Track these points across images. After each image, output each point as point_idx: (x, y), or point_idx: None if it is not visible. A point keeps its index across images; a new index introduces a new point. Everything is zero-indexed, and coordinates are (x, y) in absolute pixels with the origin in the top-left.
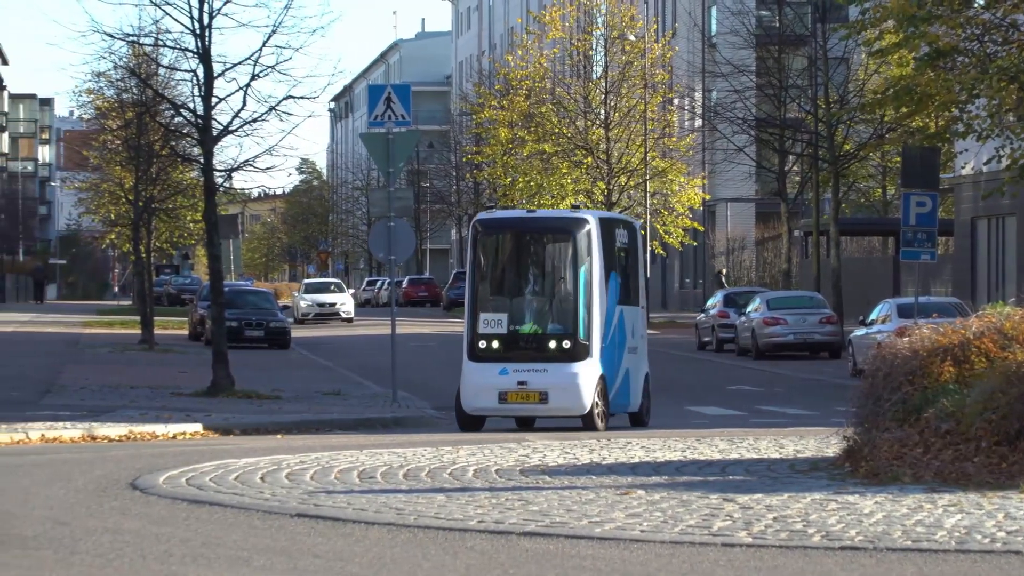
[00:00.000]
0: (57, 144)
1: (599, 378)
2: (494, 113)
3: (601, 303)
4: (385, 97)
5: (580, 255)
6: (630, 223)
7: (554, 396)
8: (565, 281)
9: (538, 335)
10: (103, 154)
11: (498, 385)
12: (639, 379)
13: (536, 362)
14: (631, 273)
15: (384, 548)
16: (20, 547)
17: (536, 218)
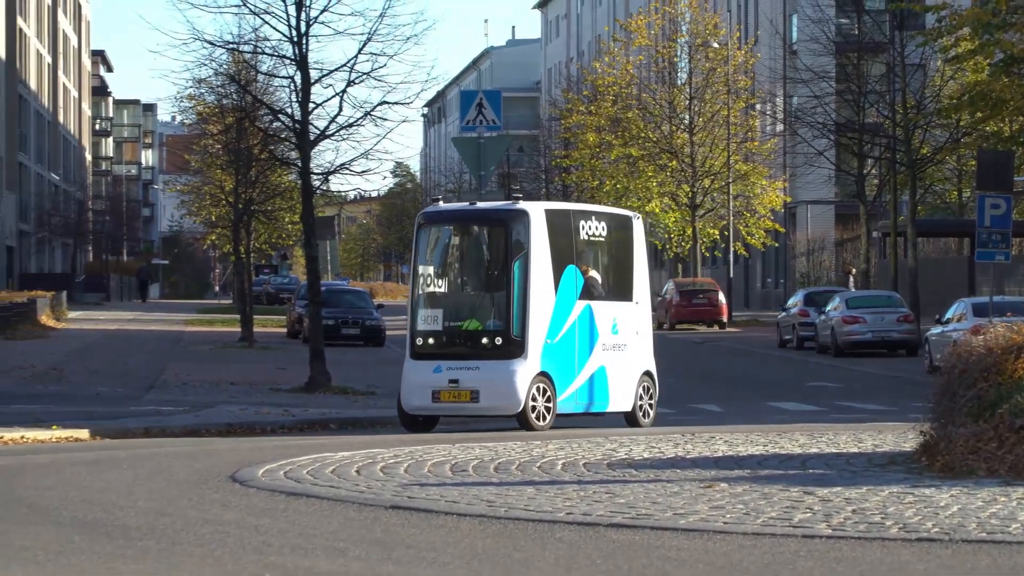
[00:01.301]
0: (160, 148)
1: (537, 376)
2: (582, 118)
3: (542, 298)
4: (477, 103)
5: (515, 248)
6: (619, 216)
7: (485, 395)
8: (499, 275)
9: (471, 332)
10: (204, 158)
11: (431, 383)
12: (627, 377)
13: (469, 360)
14: (620, 267)
15: (476, 539)
16: (124, 537)
17: (471, 210)
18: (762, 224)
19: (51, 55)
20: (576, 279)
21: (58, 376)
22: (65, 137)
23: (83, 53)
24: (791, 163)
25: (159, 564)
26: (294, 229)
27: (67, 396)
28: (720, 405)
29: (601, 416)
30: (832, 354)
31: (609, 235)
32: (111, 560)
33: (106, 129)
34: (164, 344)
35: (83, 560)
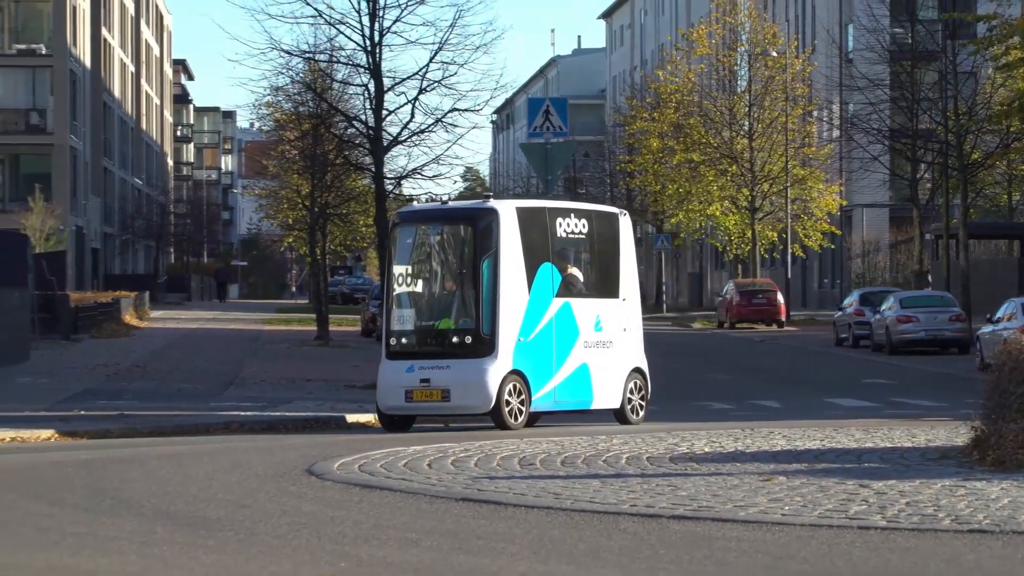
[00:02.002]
0: (239, 154)
1: (509, 374)
2: (645, 124)
3: (513, 296)
4: (544, 110)
5: (484, 247)
6: (604, 213)
7: (456, 393)
8: (469, 274)
9: (442, 331)
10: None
11: (404, 383)
12: (613, 374)
13: (440, 359)
14: (605, 264)
15: (543, 530)
16: (205, 528)
17: (443, 210)
18: (819, 227)
19: (134, 64)
20: (552, 276)
21: (141, 373)
22: (148, 143)
23: (165, 62)
24: (847, 168)
25: (238, 555)
26: (368, 231)
27: (150, 393)
28: (778, 401)
29: (587, 413)
30: (886, 352)
31: (592, 232)
32: (192, 550)
33: (187, 135)
34: (243, 342)
35: (165, 550)
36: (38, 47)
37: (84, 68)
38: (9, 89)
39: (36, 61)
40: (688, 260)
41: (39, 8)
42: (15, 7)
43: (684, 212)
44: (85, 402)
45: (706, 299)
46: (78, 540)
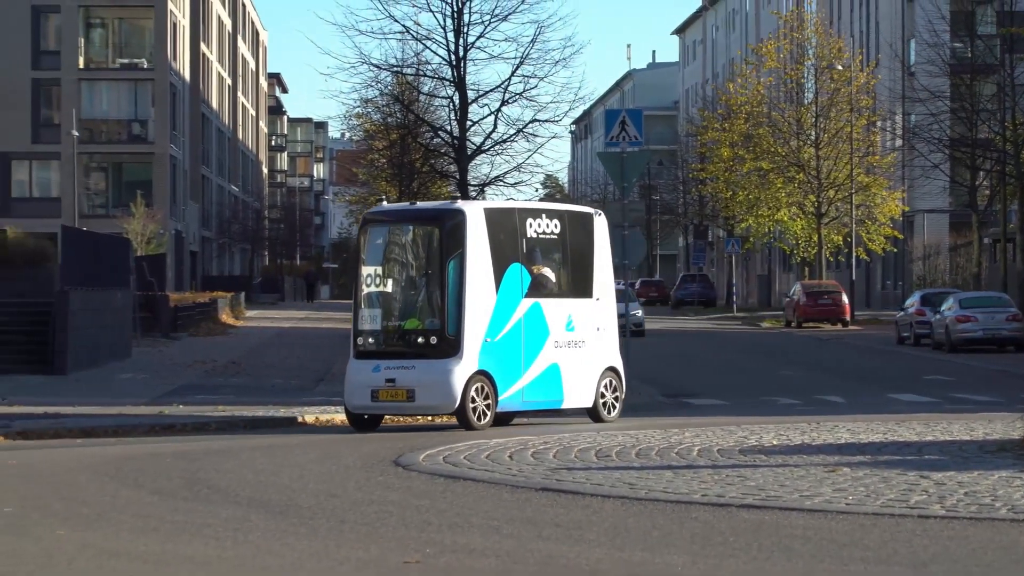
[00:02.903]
0: (330, 162)
1: (474, 375)
2: (717, 134)
3: (479, 297)
4: (620, 120)
5: (451, 248)
6: (577, 214)
7: (420, 393)
8: (435, 275)
9: (408, 331)
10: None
11: (370, 383)
12: (586, 374)
13: (405, 359)
14: (578, 265)
15: (618, 518)
16: (297, 516)
17: (410, 210)
18: (882, 231)
19: (231, 78)
20: (521, 277)
21: (237, 370)
22: (244, 152)
23: (260, 76)
24: (909, 175)
25: (328, 541)
26: None
27: (246, 388)
28: (843, 396)
29: (559, 412)
30: (946, 350)
31: (564, 233)
32: (284, 537)
33: (281, 145)
34: (333, 341)
35: (258, 537)
36: (140, 62)
37: (184, 81)
38: (113, 101)
39: (139, 75)
40: (757, 263)
41: (141, 25)
42: (119, 24)
43: (753, 217)
44: (184, 396)
45: (774, 300)
46: (176, 527)
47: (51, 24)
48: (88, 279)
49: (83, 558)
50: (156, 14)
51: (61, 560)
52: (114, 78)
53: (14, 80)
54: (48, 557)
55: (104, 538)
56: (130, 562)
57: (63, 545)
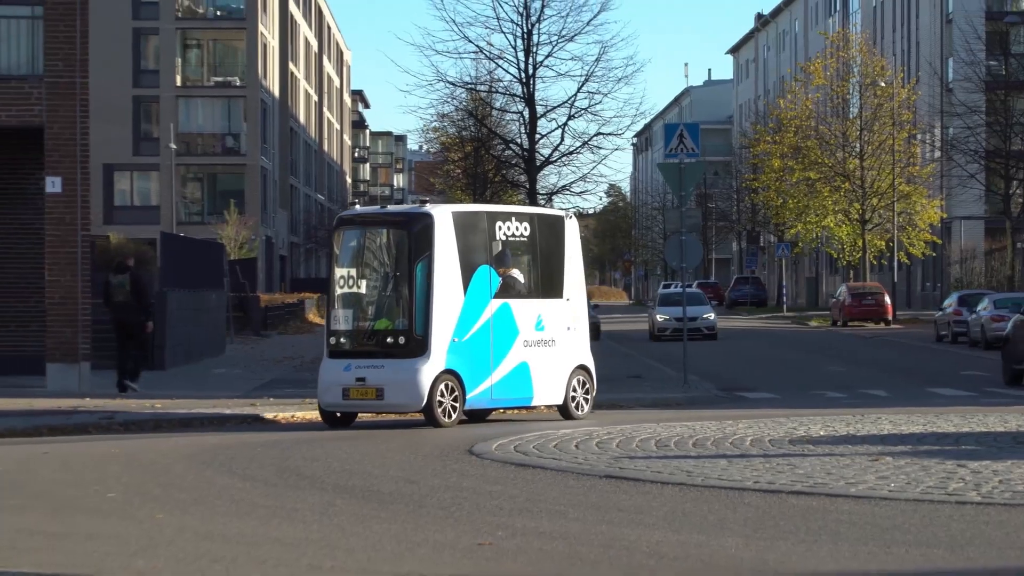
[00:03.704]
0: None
1: (442, 374)
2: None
3: (446, 298)
4: (678, 134)
5: (418, 250)
6: (548, 216)
7: (389, 392)
8: (404, 277)
9: (377, 331)
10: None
11: (342, 381)
12: (556, 372)
13: (375, 358)
14: (549, 266)
15: (676, 503)
16: (378, 501)
17: (381, 214)
18: (922, 236)
19: (317, 94)
20: (490, 278)
21: None
22: (329, 164)
23: (344, 93)
24: (947, 184)
25: (407, 524)
26: None
27: None
28: (886, 390)
29: (530, 410)
30: (982, 347)
31: (534, 235)
32: (366, 521)
33: (364, 156)
34: None
35: (343, 520)
36: (233, 80)
37: (273, 98)
38: (208, 117)
39: (231, 92)
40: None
41: (234, 46)
42: (213, 45)
43: (802, 224)
44: (273, 390)
45: (821, 300)
46: (267, 511)
47: (151, 45)
48: (185, 281)
49: (181, 540)
50: (248, 35)
51: (161, 541)
52: (209, 95)
53: (117, 97)
54: (149, 539)
55: (200, 521)
56: (224, 543)
57: (163, 528)
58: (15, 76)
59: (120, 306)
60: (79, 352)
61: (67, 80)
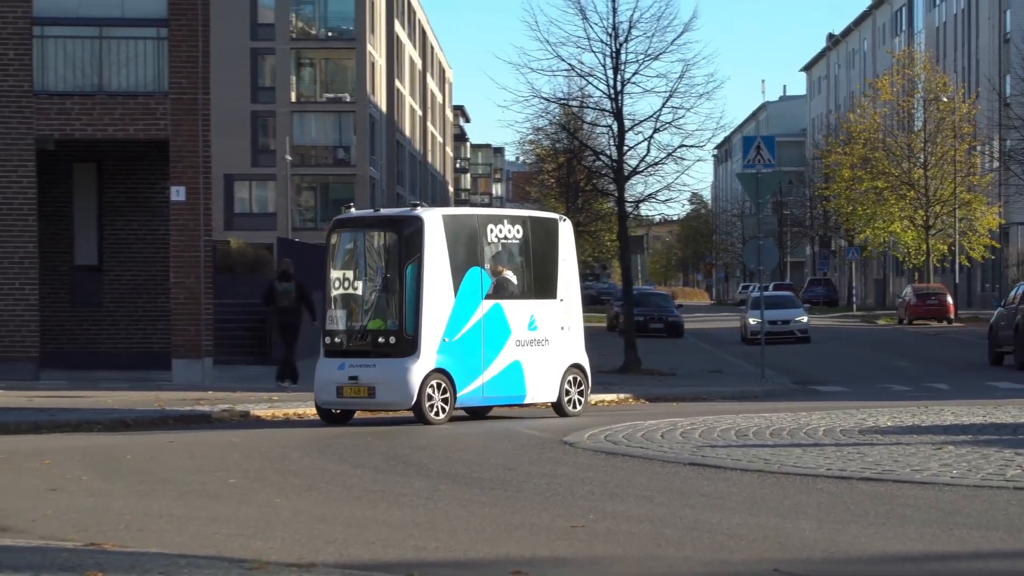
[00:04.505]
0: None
1: (432, 372)
2: (839, 157)
3: (436, 299)
4: (755, 146)
5: (409, 252)
6: (542, 219)
7: (380, 391)
8: (395, 278)
9: (370, 331)
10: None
11: (336, 380)
12: (550, 371)
13: (367, 358)
14: (542, 267)
15: (755, 489)
16: (479, 487)
17: (374, 217)
18: (981, 241)
19: (421, 109)
20: (481, 279)
21: None
22: (432, 174)
23: (447, 108)
24: (1004, 192)
25: (506, 508)
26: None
27: None
28: (948, 384)
29: (524, 407)
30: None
31: (527, 237)
32: (468, 505)
33: (464, 167)
34: None
35: (446, 504)
36: (343, 96)
37: (381, 113)
38: (320, 130)
39: (342, 107)
40: (874, 268)
41: (344, 64)
42: (325, 63)
43: (871, 229)
44: None
45: (888, 300)
46: (375, 496)
47: (267, 64)
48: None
49: (296, 522)
50: (357, 55)
51: (278, 524)
52: (321, 110)
53: (237, 112)
54: (267, 521)
55: (314, 505)
56: (336, 526)
57: (279, 511)
58: (142, 93)
59: (285, 310)
60: (202, 348)
61: (190, 96)
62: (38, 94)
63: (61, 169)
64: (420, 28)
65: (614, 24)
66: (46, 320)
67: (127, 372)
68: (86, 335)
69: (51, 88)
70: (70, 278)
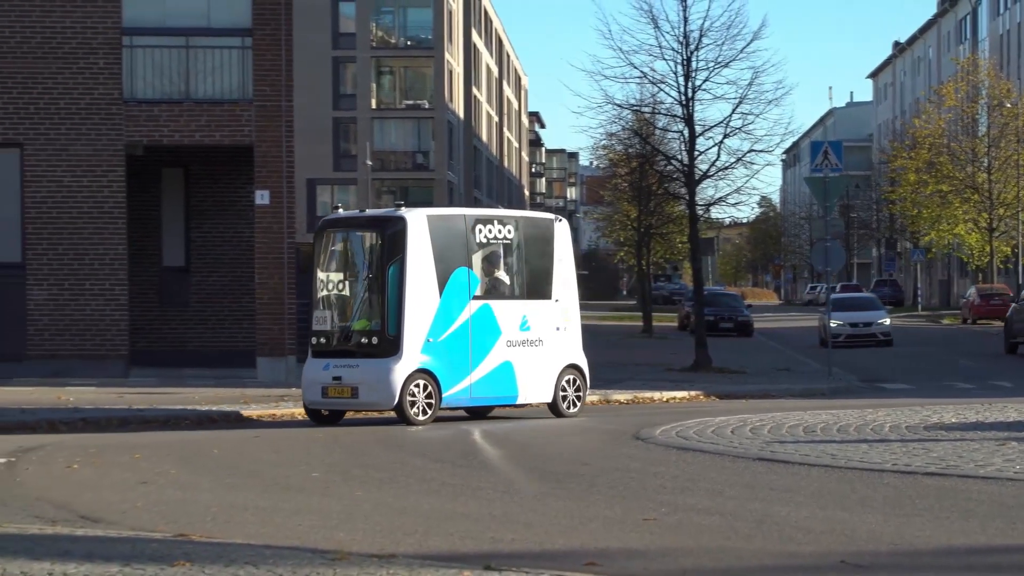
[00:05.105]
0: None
1: (414, 373)
2: (904, 162)
3: (420, 299)
4: (823, 150)
5: (391, 253)
6: (536, 220)
7: (363, 391)
8: (378, 279)
9: (354, 332)
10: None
11: (321, 380)
12: (544, 371)
13: (351, 358)
14: (536, 268)
15: (822, 483)
16: (555, 480)
17: (358, 217)
18: None
19: (498, 115)
20: (469, 280)
21: None
22: (508, 178)
23: (522, 114)
24: None
25: (580, 501)
26: (683, 247)
27: None
28: (1011, 381)
29: (518, 407)
30: None
31: (519, 237)
32: (544, 498)
33: (540, 171)
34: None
35: (522, 497)
36: (422, 103)
37: (458, 119)
38: (400, 136)
39: (421, 114)
40: (938, 269)
41: (423, 72)
42: (404, 71)
43: (935, 231)
44: None
45: (952, 300)
46: (454, 489)
47: (349, 72)
48: None
49: (377, 514)
50: (435, 63)
51: (359, 516)
52: (400, 116)
53: (319, 119)
54: (348, 514)
55: (394, 498)
56: (416, 518)
57: (361, 504)
58: (228, 100)
59: None
60: (285, 347)
61: (274, 104)
62: (127, 102)
63: (150, 174)
64: (496, 37)
65: (685, 33)
66: (135, 319)
67: (213, 369)
68: (174, 334)
69: (140, 96)
70: (158, 279)
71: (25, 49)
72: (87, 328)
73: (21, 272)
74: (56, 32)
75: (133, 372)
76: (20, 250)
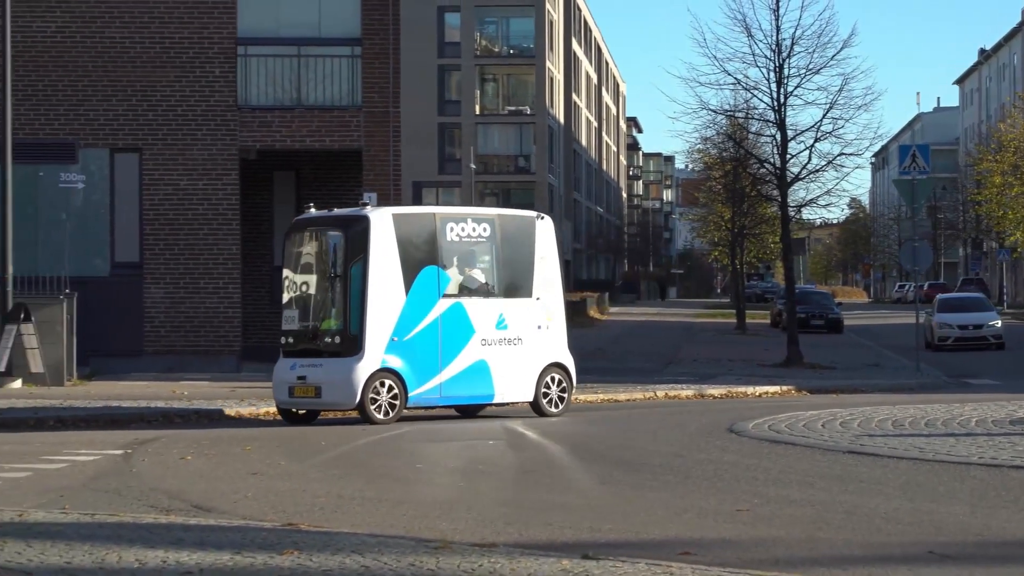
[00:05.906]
0: (676, 188)
1: (377, 372)
2: (990, 165)
3: (383, 298)
4: (911, 154)
5: (354, 251)
6: (515, 217)
7: (325, 390)
8: (341, 278)
9: (318, 331)
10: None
11: (288, 380)
12: (523, 370)
13: (315, 357)
14: (515, 266)
15: (910, 476)
16: (650, 472)
17: (325, 217)
18: None
19: (597, 121)
20: (438, 278)
21: (601, 355)
22: (607, 180)
23: (621, 119)
24: None
25: (675, 492)
26: (775, 247)
27: (608, 369)
28: None
29: (496, 407)
30: None
31: (495, 236)
32: (640, 488)
33: (637, 174)
34: (679, 331)
35: (620, 488)
36: (524, 109)
37: (559, 124)
38: (503, 140)
39: (522, 119)
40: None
41: (525, 79)
42: (507, 79)
43: (1021, 232)
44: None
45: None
46: (553, 480)
47: (453, 80)
48: None
49: (480, 505)
50: (536, 71)
51: (461, 507)
52: (503, 122)
53: (425, 124)
54: (451, 505)
55: (495, 490)
56: (517, 508)
57: (463, 494)
58: (338, 106)
59: None
60: None
61: (382, 110)
62: (242, 108)
63: (262, 177)
64: (596, 45)
65: (778, 41)
66: (248, 317)
67: None
68: None
69: (253, 103)
70: (270, 278)
71: (145, 59)
72: (201, 325)
73: (139, 271)
74: (174, 42)
75: (245, 367)
76: (138, 250)
